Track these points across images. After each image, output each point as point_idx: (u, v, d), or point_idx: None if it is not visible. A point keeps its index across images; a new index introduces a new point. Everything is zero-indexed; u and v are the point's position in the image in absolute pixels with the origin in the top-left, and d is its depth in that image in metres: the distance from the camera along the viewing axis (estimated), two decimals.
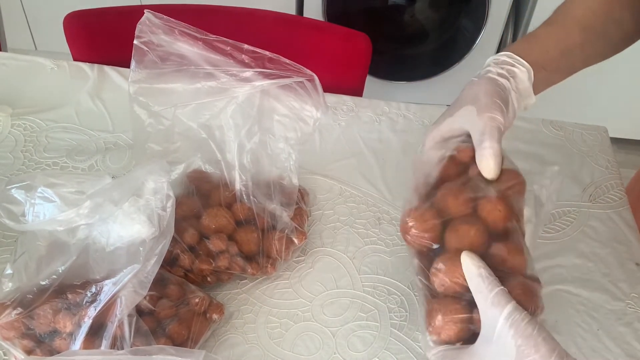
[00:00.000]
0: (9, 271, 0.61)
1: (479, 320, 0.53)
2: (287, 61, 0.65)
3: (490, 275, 0.52)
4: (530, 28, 1.89)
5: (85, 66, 1.00)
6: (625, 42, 0.73)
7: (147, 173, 0.60)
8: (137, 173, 0.61)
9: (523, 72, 0.64)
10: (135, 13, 1.12)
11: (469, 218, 0.58)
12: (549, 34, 0.68)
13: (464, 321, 0.55)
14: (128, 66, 1.01)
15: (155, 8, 1.09)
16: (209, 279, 0.70)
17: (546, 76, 0.67)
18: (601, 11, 0.69)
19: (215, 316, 0.66)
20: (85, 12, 1.07)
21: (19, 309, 0.58)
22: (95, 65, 1.01)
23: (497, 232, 0.57)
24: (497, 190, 0.58)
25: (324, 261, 0.76)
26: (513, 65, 0.65)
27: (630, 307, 0.73)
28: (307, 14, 1.87)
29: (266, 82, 0.66)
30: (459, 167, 0.61)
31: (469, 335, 0.55)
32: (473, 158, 0.60)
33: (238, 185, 0.72)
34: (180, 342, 0.63)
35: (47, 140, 0.88)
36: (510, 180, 0.59)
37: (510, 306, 0.50)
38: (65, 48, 1.07)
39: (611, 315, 0.72)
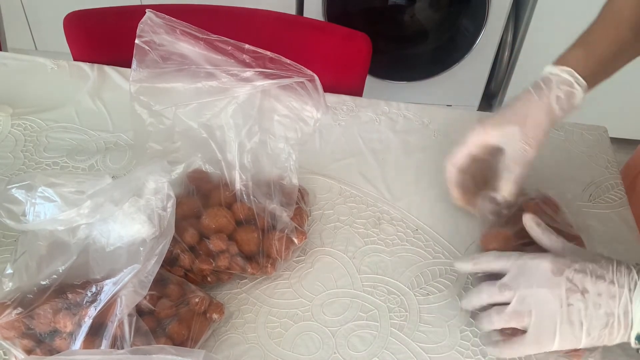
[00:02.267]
0: (9, 271, 0.61)
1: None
2: (288, 61, 0.65)
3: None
4: (531, 28, 1.89)
5: (85, 66, 1.00)
6: None
7: (147, 173, 0.61)
8: (138, 173, 0.61)
9: (580, 92, 0.68)
10: (136, 13, 1.12)
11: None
12: (604, 39, 0.70)
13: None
14: (128, 66, 1.01)
15: (155, 8, 1.09)
16: (209, 278, 0.70)
17: (595, 81, 0.70)
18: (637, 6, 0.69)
19: (215, 316, 0.66)
20: (86, 12, 1.07)
21: (19, 309, 0.58)
22: (96, 65, 1.01)
23: None
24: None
25: (324, 261, 0.76)
26: (572, 86, 0.67)
27: None
28: (307, 14, 1.87)
29: (267, 82, 0.66)
30: None
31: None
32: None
33: (238, 185, 0.72)
34: (180, 341, 0.63)
35: (47, 140, 0.88)
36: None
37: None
38: (66, 48, 1.07)
39: None
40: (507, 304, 0.59)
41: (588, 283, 0.56)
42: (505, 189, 0.69)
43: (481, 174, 0.74)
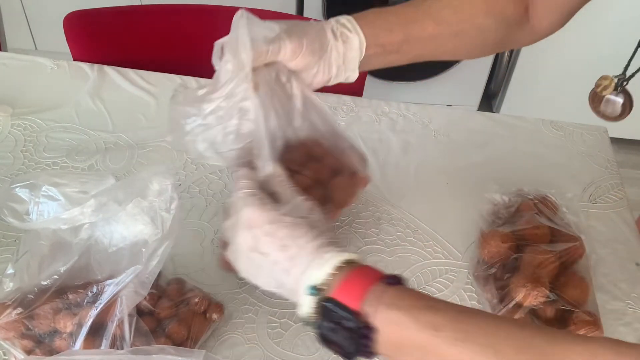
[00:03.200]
0: (10, 271, 0.61)
1: None
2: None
3: None
4: None
5: (85, 66, 1.01)
6: (482, 50, 0.72)
7: (151, 174, 0.60)
8: (142, 174, 0.61)
9: (355, 40, 0.64)
10: (135, 13, 1.12)
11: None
12: (399, 14, 0.67)
13: None
14: (128, 66, 1.01)
15: (155, 8, 1.09)
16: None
17: (383, 53, 0.66)
18: (461, 12, 0.68)
19: (215, 316, 0.66)
20: (86, 12, 1.07)
21: (20, 309, 0.58)
22: (95, 65, 1.01)
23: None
24: None
25: None
26: (349, 31, 0.64)
27: (630, 307, 0.73)
28: (307, 13, 1.87)
29: None
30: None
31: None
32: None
33: None
34: (180, 341, 0.63)
35: (47, 140, 0.88)
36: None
37: None
38: (65, 48, 1.07)
39: (611, 315, 0.72)
40: None
41: (270, 249, 0.54)
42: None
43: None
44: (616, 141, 1.21)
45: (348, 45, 0.64)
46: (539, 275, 0.66)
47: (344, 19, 0.65)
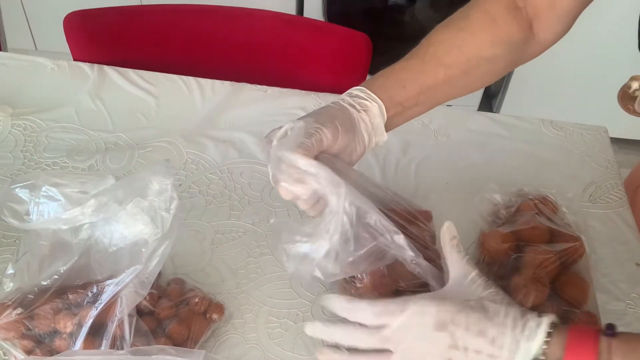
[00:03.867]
0: (10, 271, 0.61)
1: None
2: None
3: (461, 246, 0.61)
4: None
5: (85, 66, 1.01)
6: (495, 76, 0.72)
7: (151, 174, 0.60)
8: (142, 174, 0.61)
9: (374, 107, 0.65)
10: (136, 13, 1.12)
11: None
12: (408, 69, 0.68)
13: None
14: (128, 66, 1.01)
15: (155, 8, 1.09)
16: None
17: (402, 111, 0.67)
18: (467, 49, 0.68)
19: (215, 316, 0.66)
20: (86, 12, 1.07)
21: (20, 309, 0.58)
22: (95, 65, 1.01)
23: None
24: None
25: None
26: (366, 100, 0.65)
27: (630, 307, 0.73)
28: (307, 14, 1.87)
29: None
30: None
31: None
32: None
33: None
34: (180, 342, 0.63)
35: (47, 140, 0.88)
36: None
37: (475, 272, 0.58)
38: (66, 48, 1.07)
39: (611, 316, 0.72)
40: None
41: (469, 339, 0.54)
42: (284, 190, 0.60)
43: None
44: (616, 141, 1.21)
45: (370, 113, 0.65)
46: (539, 275, 0.66)
47: (356, 90, 0.65)
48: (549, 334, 0.52)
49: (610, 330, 0.51)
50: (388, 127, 0.67)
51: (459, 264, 0.59)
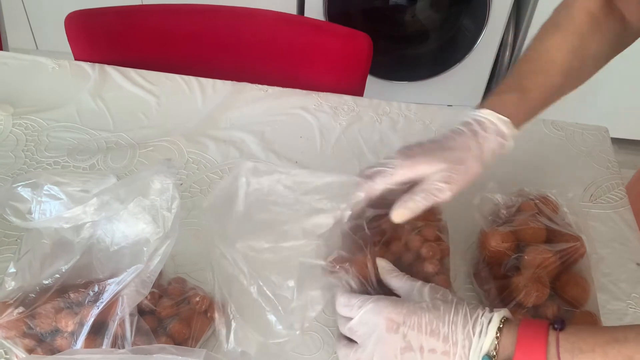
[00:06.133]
0: (12, 270, 0.61)
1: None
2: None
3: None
4: (531, 29, 1.89)
5: (86, 65, 1.01)
6: (597, 70, 0.75)
7: (153, 173, 0.61)
8: (144, 173, 0.61)
9: (510, 145, 0.68)
10: (137, 13, 1.12)
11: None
12: (537, 86, 0.69)
13: None
14: (129, 66, 1.02)
15: (157, 8, 1.09)
16: None
17: (529, 116, 0.70)
18: (580, 51, 0.70)
19: (216, 315, 0.66)
20: (87, 12, 1.07)
21: (21, 308, 0.58)
22: (97, 65, 1.01)
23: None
24: None
25: None
26: (506, 139, 0.67)
27: (630, 307, 0.73)
28: (308, 13, 1.87)
29: None
30: None
31: None
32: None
33: None
34: (181, 341, 0.63)
35: (48, 140, 0.88)
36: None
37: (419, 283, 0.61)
38: (67, 47, 1.07)
39: (612, 316, 0.72)
40: None
41: (423, 339, 0.55)
42: (398, 212, 0.64)
43: None
44: (617, 141, 1.21)
45: (503, 150, 0.68)
46: (539, 275, 0.66)
47: (503, 124, 0.67)
48: (501, 329, 0.53)
49: (559, 325, 0.52)
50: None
51: (404, 284, 0.62)
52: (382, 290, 0.65)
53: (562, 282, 0.68)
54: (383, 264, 0.65)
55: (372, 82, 1.51)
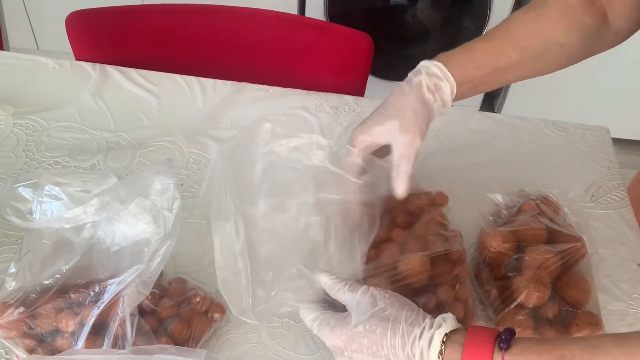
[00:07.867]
0: (13, 270, 0.61)
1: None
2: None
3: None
4: None
5: (87, 65, 1.01)
6: (568, 62, 0.74)
7: (154, 174, 0.61)
8: (144, 173, 0.61)
9: (447, 87, 0.67)
10: (137, 13, 1.12)
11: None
12: (484, 50, 0.70)
13: None
14: (130, 65, 1.01)
15: (158, 8, 1.09)
16: None
17: (472, 87, 0.70)
18: (542, 34, 0.70)
19: (216, 315, 0.66)
20: (88, 12, 1.07)
21: (22, 308, 0.58)
22: (97, 65, 1.01)
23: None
24: None
25: None
26: (441, 80, 0.67)
27: (632, 308, 0.73)
28: (308, 13, 1.87)
29: None
30: None
31: None
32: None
33: None
34: (181, 341, 0.63)
35: (49, 140, 0.88)
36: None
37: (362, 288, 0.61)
38: (68, 47, 1.07)
39: (613, 316, 0.72)
40: None
41: None
42: (399, 187, 0.65)
43: None
44: (618, 141, 1.21)
45: (442, 92, 0.68)
46: (540, 275, 0.66)
47: (435, 67, 0.67)
48: (443, 350, 0.53)
49: (505, 344, 0.51)
50: (454, 100, 0.70)
51: (345, 297, 0.61)
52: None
53: (563, 282, 0.68)
54: (324, 279, 0.63)
55: (373, 82, 1.51)
